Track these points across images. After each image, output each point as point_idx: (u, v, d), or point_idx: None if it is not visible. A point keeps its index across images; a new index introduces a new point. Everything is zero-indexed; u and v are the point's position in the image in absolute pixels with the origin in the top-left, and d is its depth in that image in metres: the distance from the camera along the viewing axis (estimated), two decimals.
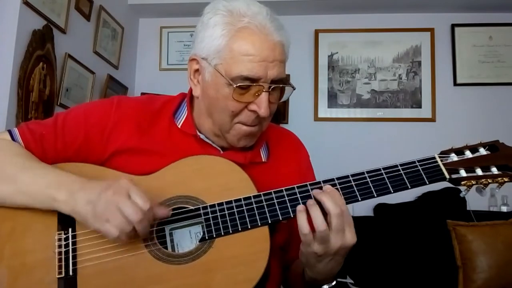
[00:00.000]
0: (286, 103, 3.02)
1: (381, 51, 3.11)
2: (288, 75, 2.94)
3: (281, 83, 0.95)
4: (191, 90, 1.04)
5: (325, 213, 0.85)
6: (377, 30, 3.11)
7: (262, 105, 0.92)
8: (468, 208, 2.62)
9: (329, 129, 3.06)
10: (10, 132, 1.01)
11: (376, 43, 3.12)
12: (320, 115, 3.10)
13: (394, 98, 3.08)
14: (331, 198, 0.86)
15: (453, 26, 3.07)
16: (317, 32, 3.15)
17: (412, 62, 3.09)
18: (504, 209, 2.73)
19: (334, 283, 0.96)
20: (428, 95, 3.03)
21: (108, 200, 0.83)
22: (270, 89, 0.93)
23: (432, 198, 2.66)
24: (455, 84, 3.04)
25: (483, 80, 3.02)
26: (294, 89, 0.99)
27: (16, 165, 0.93)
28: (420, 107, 3.04)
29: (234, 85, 0.91)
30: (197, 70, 0.99)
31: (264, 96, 0.92)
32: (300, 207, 0.87)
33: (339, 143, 3.01)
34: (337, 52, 3.14)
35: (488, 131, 2.89)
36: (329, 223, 0.84)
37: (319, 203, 0.87)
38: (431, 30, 3.08)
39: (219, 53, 0.92)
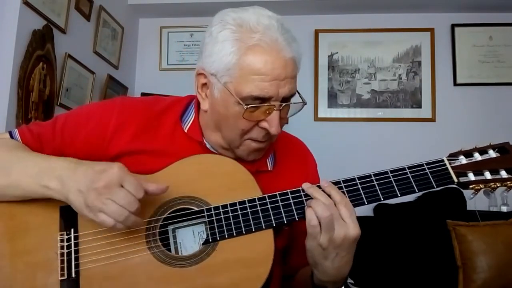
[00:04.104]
0: None
1: (381, 51, 3.11)
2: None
3: (292, 98, 0.94)
4: None
5: None
6: (377, 30, 3.11)
7: (273, 123, 0.91)
8: (468, 208, 2.62)
9: (329, 129, 3.06)
10: (10, 133, 1.00)
11: (376, 43, 3.12)
12: (320, 115, 3.09)
13: (394, 98, 3.08)
14: (319, 190, 0.88)
15: (453, 26, 3.07)
16: (317, 32, 3.15)
17: (412, 62, 3.09)
18: (504, 209, 2.73)
19: None
20: (428, 95, 3.03)
21: (100, 193, 0.81)
22: (281, 108, 0.92)
23: (432, 198, 2.66)
24: (455, 84, 3.04)
25: (483, 80, 3.02)
26: (305, 103, 0.97)
27: (10, 158, 0.92)
28: (420, 107, 3.04)
29: (245, 106, 0.89)
30: (204, 84, 0.97)
31: (275, 115, 0.91)
32: (308, 203, 0.88)
33: (339, 143, 3.01)
34: (337, 52, 3.14)
35: (488, 131, 2.90)
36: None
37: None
38: (431, 30, 3.08)
39: (229, 71, 0.90)
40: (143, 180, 0.86)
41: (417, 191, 0.89)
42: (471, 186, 0.89)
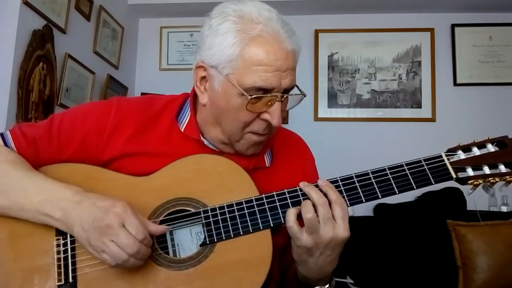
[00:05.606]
0: None
1: (381, 51, 3.11)
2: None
3: (291, 90, 0.94)
4: (193, 91, 1.02)
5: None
6: (377, 30, 3.11)
7: (275, 114, 0.91)
8: (468, 208, 2.62)
9: (329, 129, 3.06)
10: (2, 135, 0.98)
11: (376, 43, 3.12)
12: (320, 115, 3.09)
13: (394, 98, 3.08)
14: (315, 189, 0.87)
15: (453, 26, 3.07)
16: (317, 32, 3.15)
17: (412, 62, 3.09)
18: (504, 209, 2.73)
19: (327, 286, 0.93)
20: (428, 95, 3.03)
21: (102, 233, 0.82)
22: (282, 99, 0.92)
23: (432, 198, 2.66)
24: (455, 84, 3.04)
25: (483, 80, 3.02)
26: (305, 96, 0.97)
27: (9, 176, 0.91)
28: (420, 107, 3.04)
29: (249, 97, 0.88)
30: (203, 77, 0.96)
31: (277, 106, 0.91)
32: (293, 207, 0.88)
33: (339, 143, 3.01)
34: (337, 52, 3.14)
35: (488, 131, 2.87)
36: (317, 213, 0.84)
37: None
38: (431, 30, 3.08)
39: (231, 62, 0.89)
40: (145, 220, 0.86)
41: (415, 188, 0.88)
42: (469, 182, 0.88)
